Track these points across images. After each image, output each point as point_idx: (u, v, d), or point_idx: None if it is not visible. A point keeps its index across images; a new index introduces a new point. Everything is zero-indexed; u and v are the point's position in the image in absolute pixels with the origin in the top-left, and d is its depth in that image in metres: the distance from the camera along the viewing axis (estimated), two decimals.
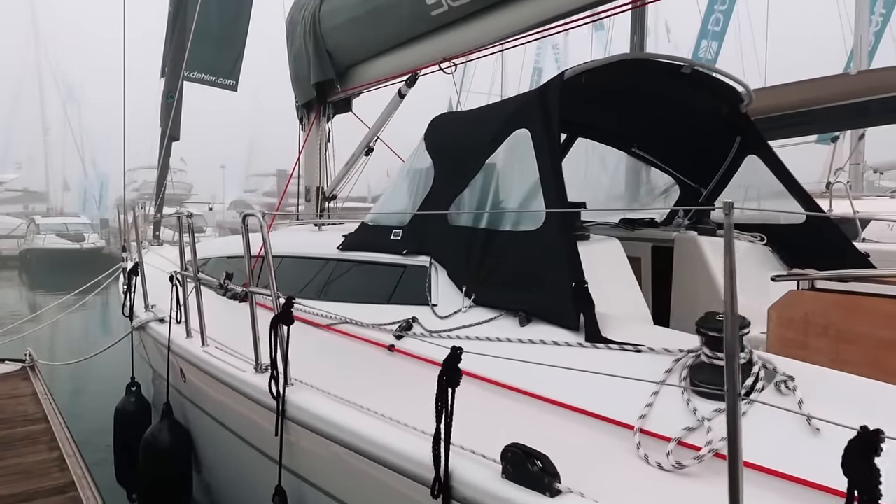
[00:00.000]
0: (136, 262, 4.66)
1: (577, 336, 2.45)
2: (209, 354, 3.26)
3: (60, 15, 63.96)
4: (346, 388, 2.68)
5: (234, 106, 37.87)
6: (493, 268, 2.94)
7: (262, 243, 2.68)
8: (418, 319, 3.07)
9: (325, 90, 6.07)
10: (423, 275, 3.33)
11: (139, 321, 4.26)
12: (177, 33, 9.36)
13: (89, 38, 65.90)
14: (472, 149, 3.31)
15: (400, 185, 3.93)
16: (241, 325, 3.97)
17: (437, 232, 3.36)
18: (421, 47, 4.85)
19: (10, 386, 5.38)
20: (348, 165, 6.02)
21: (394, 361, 2.94)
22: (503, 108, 3.31)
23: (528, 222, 2.89)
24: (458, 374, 1.82)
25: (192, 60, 9.21)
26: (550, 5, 3.98)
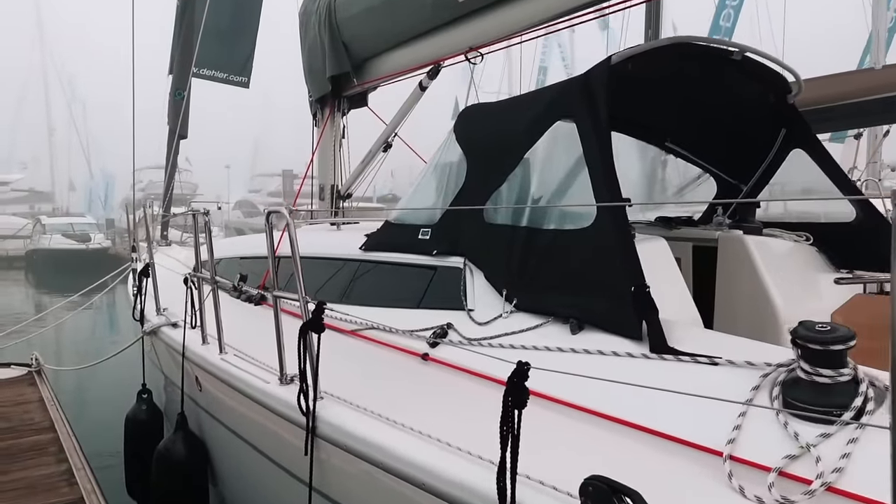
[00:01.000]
0: (146, 263, 4.44)
1: (639, 346, 2.21)
2: (228, 363, 3.03)
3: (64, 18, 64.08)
4: (378, 401, 2.46)
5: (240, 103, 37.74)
6: (536, 270, 2.70)
7: (290, 243, 2.45)
8: (454, 325, 2.85)
9: (341, 84, 5.83)
10: (456, 277, 3.10)
11: (150, 325, 4.04)
12: (185, 28, 9.16)
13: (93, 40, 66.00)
14: (509, 141, 3.08)
15: (427, 180, 3.70)
16: (259, 330, 3.74)
17: (471, 231, 3.13)
18: (444, 37, 4.61)
19: (15, 392, 5.17)
20: (365, 162, 5.79)
21: (429, 371, 2.71)
22: (542, 98, 3.08)
23: (577, 219, 2.66)
24: (525, 394, 1.58)
25: (202, 56, 8.98)
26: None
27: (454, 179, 3.37)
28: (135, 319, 4.48)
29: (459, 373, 2.59)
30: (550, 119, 2.89)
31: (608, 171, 2.60)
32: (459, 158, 3.40)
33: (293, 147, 47.12)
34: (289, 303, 3.32)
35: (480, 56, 4.41)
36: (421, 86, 5.00)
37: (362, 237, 4.06)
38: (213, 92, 10.61)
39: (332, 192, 6.18)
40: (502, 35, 4.30)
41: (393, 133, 5.51)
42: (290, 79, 6.73)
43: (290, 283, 4.45)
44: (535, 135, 2.93)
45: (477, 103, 3.70)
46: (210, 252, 3.26)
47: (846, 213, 3.71)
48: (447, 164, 3.50)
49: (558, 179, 2.84)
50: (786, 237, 3.76)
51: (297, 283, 2.44)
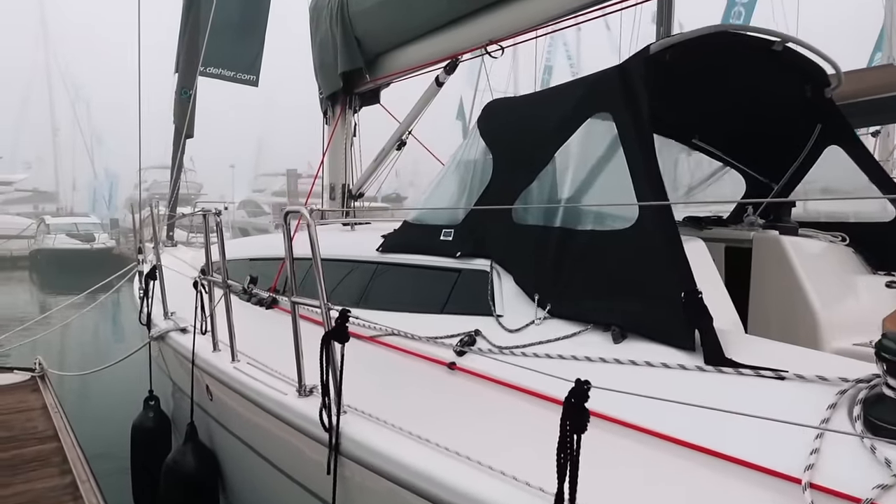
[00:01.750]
0: (153, 265, 4.28)
1: (692, 357, 2.04)
2: (241, 372, 2.86)
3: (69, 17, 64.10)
4: (404, 415, 2.29)
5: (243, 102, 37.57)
6: (572, 273, 2.53)
7: (311, 246, 2.28)
8: (482, 332, 2.67)
9: (352, 80, 5.67)
10: (482, 280, 2.93)
11: (158, 331, 3.87)
12: (191, 26, 9.00)
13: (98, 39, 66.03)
14: (539, 136, 2.91)
15: (448, 178, 3.53)
16: (272, 336, 3.57)
17: (498, 231, 2.95)
18: (463, 30, 4.44)
19: (18, 398, 5.01)
20: (378, 161, 5.62)
21: (457, 382, 2.54)
22: (574, 91, 2.90)
23: (617, 219, 2.49)
24: (585, 417, 1.41)
25: (209, 55, 8.84)
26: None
27: (479, 177, 3.20)
28: (141, 323, 4.32)
29: (490, 384, 2.42)
30: (585, 113, 2.72)
31: (650, 167, 2.43)
32: (484, 155, 3.23)
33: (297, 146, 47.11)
34: (307, 309, 3.15)
35: (501, 49, 4.24)
36: (437, 81, 4.83)
37: (377, 238, 3.89)
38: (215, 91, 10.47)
39: (344, 191, 6.02)
40: (524, 27, 4.13)
41: (408, 130, 5.34)
42: (295, 77, 6.58)
43: (306, 287, 4.30)
44: (567, 130, 2.76)
45: (501, 98, 3.52)
46: (222, 254, 3.09)
47: (883, 213, 3.52)
48: (470, 162, 3.32)
49: (594, 177, 2.67)
50: (821, 238, 3.58)
51: (317, 287, 2.27)
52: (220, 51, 9.38)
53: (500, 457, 1.95)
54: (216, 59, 9.57)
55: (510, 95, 4.18)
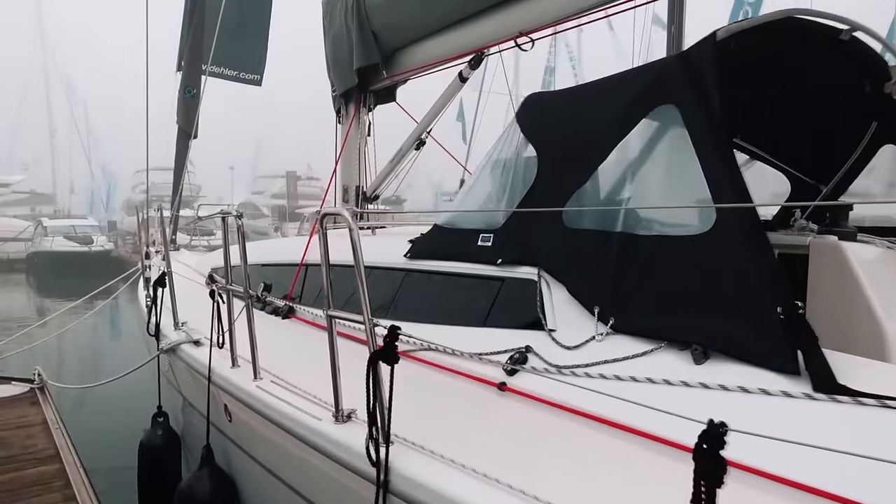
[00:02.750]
0: (162, 271, 4.00)
1: (794, 382, 1.78)
2: (265, 392, 2.59)
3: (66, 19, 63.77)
4: (455, 445, 2.04)
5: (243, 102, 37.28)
6: (638, 283, 2.27)
7: (353, 252, 2.02)
8: (533, 349, 2.41)
9: (367, 77, 5.40)
10: (529, 290, 2.67)
11: (169, 343, 3.60)
12: (194, 24, 8.76)
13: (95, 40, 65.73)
14: (592, 132, 2.65)
15: (483, 178, 3.27)
16: (294, 349, 3.30)
17: (547, 236, 2.69)
18: (490, 22, 4.18)
19: (17, 413, 4.73)
20: (395, 161, 5.36)
21: (509, 405, 2.28)
22: (630, 82, 2.64)
23: (690, 222, 2.24)
24: (722, 468, 1.14)
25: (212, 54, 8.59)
26: None
27: (521, 177, 2.94)
28: (149, 334, 4.04)
29: (549, 408, 2.16)
30: (646, 105, 2.46)
31: (728, 165, 2.17)
32: (526, 153, 2.98)
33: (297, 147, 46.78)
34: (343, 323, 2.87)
35: (531, 42, 3.98)
36: (461, 77, 4.57)
37: (401, 243, 3.63)
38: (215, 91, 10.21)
39: (358, 193, 5.75)
40: (558, 17, 3.87)
41: (427, 129, 5.08)
42: (296, 78, 6.40)
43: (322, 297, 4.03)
44: (625, 125, 2.51)
45: (540, 91, 3.27)
46: (243, 261, 2.82)
47: None
48: (510, 161, 3.07)
49: (660, 176, 2.42)
50: (877, 243, 3.33)
51: (360, 301, 2.01)
52: (222, 50, 9.14)
53: (576, 496, 1.70)
54: (218, 59, 9.32)
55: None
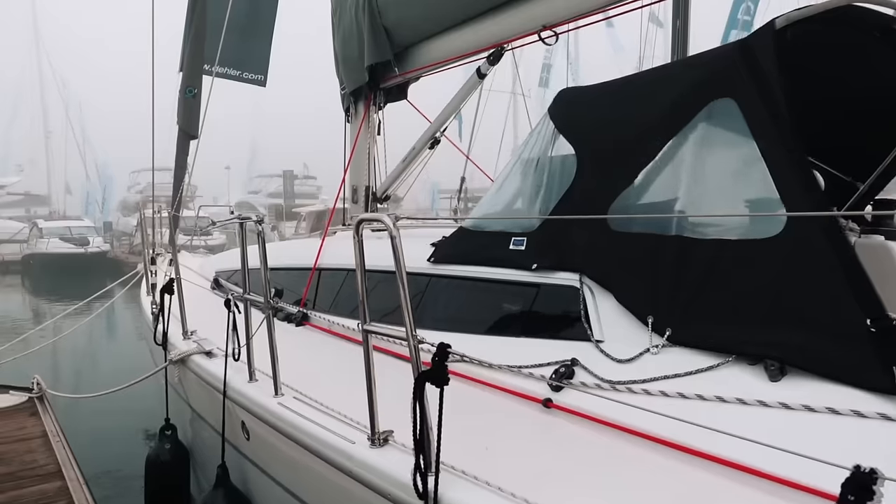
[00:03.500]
0: (170, 277, 3.81)
1: (889, 402, 1.61)
2: (288, 410, 2.41)
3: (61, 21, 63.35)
4: (504, 471, 1.86)
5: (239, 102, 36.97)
6: (698, 292, 2.10)
7: (395, 259, 1.84)
8: (580, 362, 2.24)
9: (378, 74, 5.21)
10: (570, 298, 2.50)
11: (178, 353, 3.41)
12: (196, 23, 8.57)
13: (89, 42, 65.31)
14: (639, 129, 2.47)
15: (514, 177, 3.09)
16: (313, 360, 3.10)
17: (590, 240, 2.52)
18: (510, 15, 3.99)
19: (15, 424, 4.53)
20: (407, 161, 5.17)
21: (557, 424, 2.11)
22: (681, 75, 2.47)
23: (755, 225, 2.07)
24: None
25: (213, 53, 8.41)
26: None
27: (557, 177, 2.77)
28: (156, 343, 3.85)
29: (604, 428, 1.99)
30: (700, 100, 2.29)
31: (796, 162, 2.00)
32: (563, 151, 2.80)
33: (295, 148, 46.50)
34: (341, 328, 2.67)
35: (555, 36, 3.80)
36: (479, 73, 4.38)
37: (421, 246, 3.45)
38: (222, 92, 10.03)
39: (368, 194, 5.56)
40: (581, 11, 3.69)
41: (442, 127, 4.90)
42: (296, 76, 6.26)
43: (339, 303, 3.85)
44: (677, 120, 2.33)
45: (575, 86, 3.09)
46: (264, 268, 2.63)
47: None
48: (543, 159, 2.89)
49: (718, 175, 2.24)
50: None
51: (403, 314, 1.82)
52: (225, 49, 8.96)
53: None
54: (222, 58, 9.15)
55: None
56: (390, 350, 3.04)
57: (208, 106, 6.73)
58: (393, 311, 3.21)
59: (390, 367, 2.47)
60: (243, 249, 2.78)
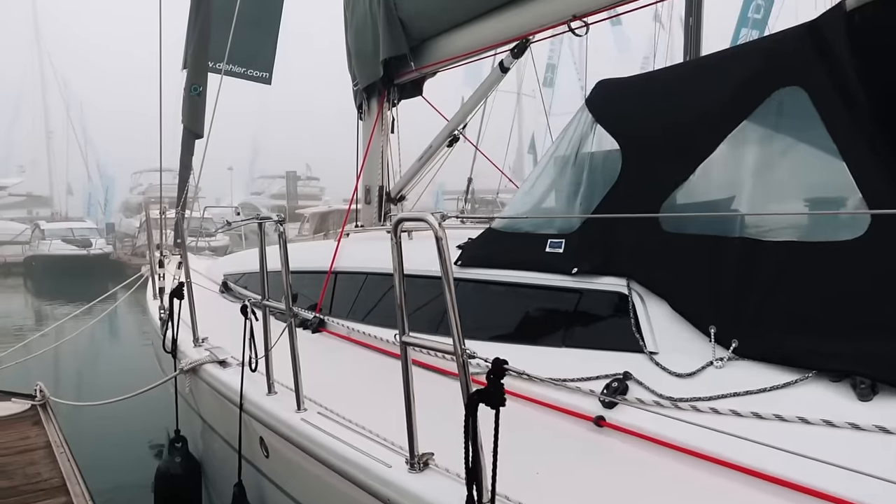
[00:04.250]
0: (180, 281, 3.62)
1: None
2: (313, 426, 2.22)
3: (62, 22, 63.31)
4: (560, 499, 1.67)
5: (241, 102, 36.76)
6: (768, 299, 1.90)
7: (441, 264, 1.65)
8: (633, 375, 2.04)
9: (392, 69, 5.02)
10: (617, 306, 2.31)
11: (189, 362, 3.22)
12: (201, 20, 8.40)
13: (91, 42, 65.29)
14: (692, 122, 2.28)
15: (547, 174, 2.90)
16: (333, 371, 2.90)
17: (639, 242, 2.32)
18: (535, 6, 3.81)
19: (18, 434, 4.34)
20: (424, 159, 4.98)
21: (612, 445, 1.91)
22: (739, 62, 2.27)
23: (833, 226, 1.88)
24: None
25: (218, 50, 8.24)
26: None
27: (600, 173, 2.57)
28: (165, 351, 3.66)
29: (665, 450, 1.79)
30: (763, 89, 2.09)
31: (878, 155, 1.81)
32: (604, 146, 2.61)
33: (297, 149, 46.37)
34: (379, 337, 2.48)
35: (586, 27, 3.61)
36: (502, 66, 4.20)
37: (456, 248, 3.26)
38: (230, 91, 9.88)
39: (381, 194, 5.37)
40: None
41: (462, 124, 4.71)
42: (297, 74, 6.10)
43: (357, 308, 3.65)
44: (737, 112, 2.14)
45: (613, 77, 2.89)
46: (285, 270, 2.44)
47: None
48: (583, 155, 2.69)
49: (786, 170, 2.05)
50: None
51: (450, 324, 1.64)
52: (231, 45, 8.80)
53: None
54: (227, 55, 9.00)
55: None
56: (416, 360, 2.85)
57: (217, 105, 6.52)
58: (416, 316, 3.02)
59: (418, 378, 2.29)
60: (262, 252, 2.60)
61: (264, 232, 2.59)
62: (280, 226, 2.39)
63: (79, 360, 9.34)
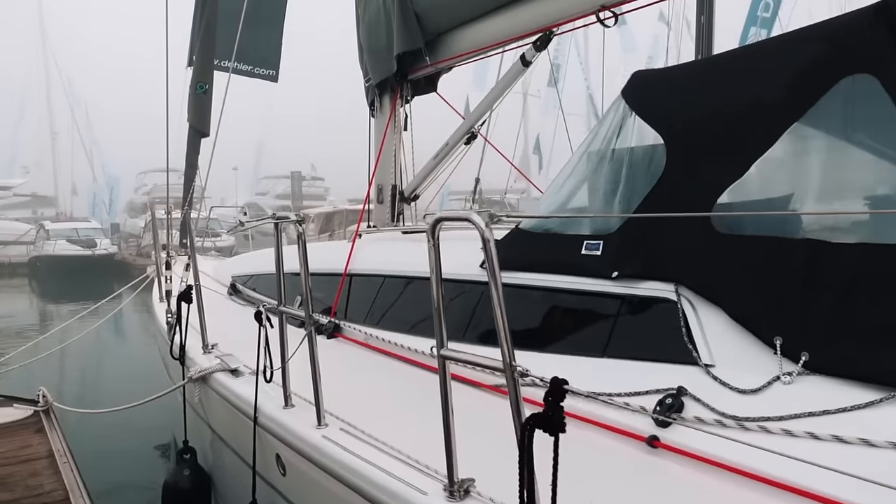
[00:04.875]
0: (188, 285, 3.45)
1: None
2: (336, 445, 2.04)
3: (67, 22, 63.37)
4: None
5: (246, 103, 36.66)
6: (842, 307, 1.72)
7: (489, 269, 1.48)
8: (688, 391, 1.86)
9: (407, 65, 4.85)
10: (665, 313, 2.13)
11: (199, 371, 3.05)
12: (206, 16, 8.26)
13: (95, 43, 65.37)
14: (747, 114, 2.10)
15: (580, 172, 2.72)
16: (354, 381, 2.71)
17: (687, 243, 2.14)
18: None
19: (19, 443, 4.18)
20: (440, 157, 4.81)
21: (669, 469, 1.73)
22: (797, 49, 2.09)
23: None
24: None
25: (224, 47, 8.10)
26: None
27: (642, 169, 2.39)
28: (173, 357, 3.49)
29: (732, 476, 1.61)
30: (828, 77, 1.91)
31: None
32: (646, 140, 2.43)
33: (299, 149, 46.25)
34: None
35: (615, 17, 3.43)
36: (524, 60, 4.02)
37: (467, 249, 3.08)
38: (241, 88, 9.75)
39: (394, 194, 5.20)
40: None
41: (480, 121, 4.53)
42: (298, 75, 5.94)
43: (374, 313, 3.48)
44: (798, 103, 1.96)
45: (649, 69, 2.71)
46: (305, 274, 2.26)
47: None
48: (621, 150, 2.51)
49: (857, 165, 1.87)
50: None
51: (499, 338, 1.46)
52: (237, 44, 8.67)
53: None
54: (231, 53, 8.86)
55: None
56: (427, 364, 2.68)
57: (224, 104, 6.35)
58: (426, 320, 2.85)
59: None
60: (278, 254, 2.42)
61: (281, 233, 2.42)
62: (300, 226, 2.22)
63: (83, 363, 9.17)
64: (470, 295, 2.90)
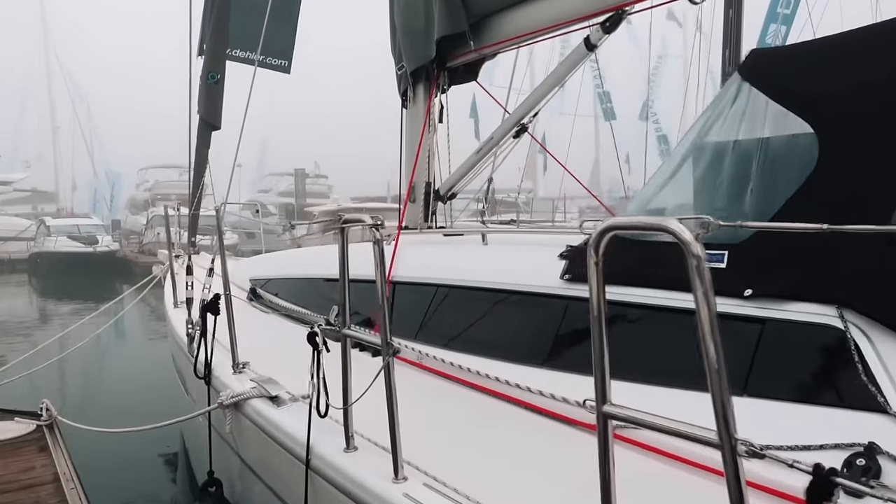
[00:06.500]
0: (215, 294, 3.03)
1: None
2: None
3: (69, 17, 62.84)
4: None
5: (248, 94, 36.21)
6: None
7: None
8: (880, 448, 1.44)
9: (445, 50, 4.44)
10: (826, 343, 1.71)
11: (231, 397, 2.61)
12: (218, 3, 7.87)
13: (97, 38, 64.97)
14: None
15: (690, 166, 2.30)
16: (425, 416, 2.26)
17: (858, 257, 1.72)
18: None
19: (22, 463, 3.76)
20: (483, 152, 4.39)
21: None
22: None
23: None
24: None
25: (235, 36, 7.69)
26: None
27: (781, 165, 1.97)
28: (197, 377, 3.07)
29: None
30: None
31: None
32: (780, 129, 2.01)
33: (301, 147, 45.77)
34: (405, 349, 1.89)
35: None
36: (588, 44, 3.60)
37: (535, 257, 2.67)
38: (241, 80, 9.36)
39: (428, 192, 4.78)
40: None
41: (533, 111, 4.11)
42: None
43: (429, 329, 3.06)
44: None
45: (768, 47, 2.29)
46: (382, 292, 1.84)
47: None
48: (749, 141, 2.09)
49: None
50: None
51: (715, 406, 1.04)
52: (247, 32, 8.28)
53: None
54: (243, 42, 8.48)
55: None
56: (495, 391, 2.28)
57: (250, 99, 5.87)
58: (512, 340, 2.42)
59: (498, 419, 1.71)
60: (343, 263, 2.00)
61: (346, 238, 1.99)
62: (377, 231, 1.79)
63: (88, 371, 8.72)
64: (546, 309, 2.48)
